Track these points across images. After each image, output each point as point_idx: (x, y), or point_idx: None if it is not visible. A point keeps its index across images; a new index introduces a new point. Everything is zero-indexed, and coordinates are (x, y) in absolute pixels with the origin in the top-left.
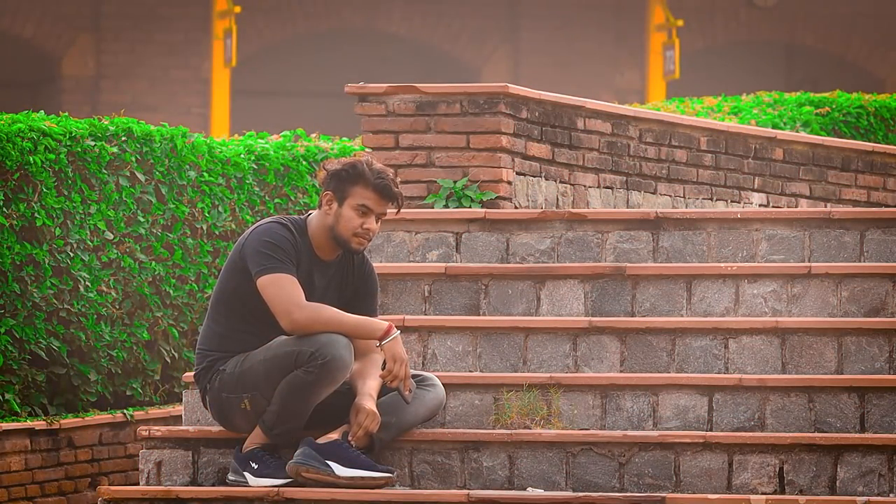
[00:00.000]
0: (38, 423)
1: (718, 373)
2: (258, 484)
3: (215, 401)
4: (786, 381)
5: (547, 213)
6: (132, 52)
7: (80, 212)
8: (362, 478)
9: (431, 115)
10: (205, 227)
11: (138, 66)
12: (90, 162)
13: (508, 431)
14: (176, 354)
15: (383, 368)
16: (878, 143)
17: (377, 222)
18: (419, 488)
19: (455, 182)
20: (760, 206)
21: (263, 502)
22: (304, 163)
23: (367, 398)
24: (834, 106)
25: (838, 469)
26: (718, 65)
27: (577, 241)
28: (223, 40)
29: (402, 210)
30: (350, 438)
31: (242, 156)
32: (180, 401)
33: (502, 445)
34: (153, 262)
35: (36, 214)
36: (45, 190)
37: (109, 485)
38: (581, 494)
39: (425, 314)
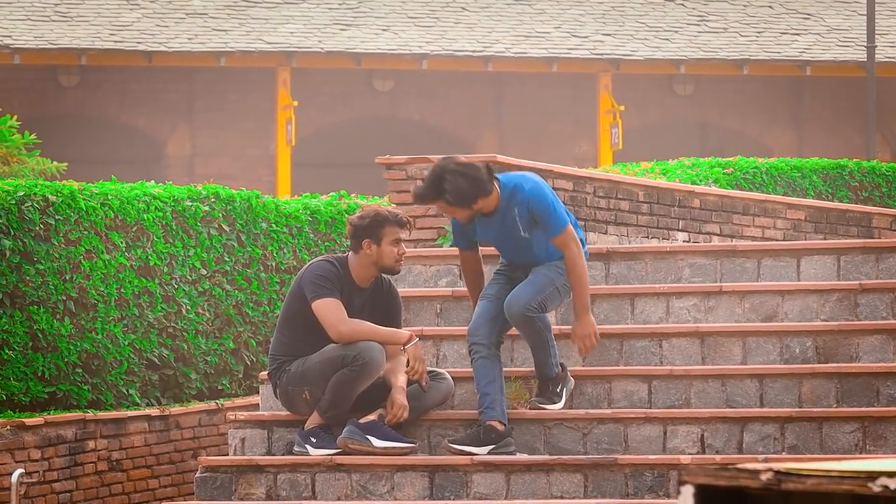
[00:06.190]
0: (153, 411)
1: (655, 365)
2: (317, 453)
3: (283, 392)
4: (705, 370)
5: None
6: (218, 137)
7: (182, 254)
8: (393, 447)
9: None
10: (273, 265)
11: (223, 147)
12: (188, 218)
13: None
14: (254, 359)
15: (407, 366)
16: (769, 194)
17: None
18: (435, 455)
19: None
20: (684, 241)
21: (321, 467)
22: (346, 216)
23: (400, 392)
24: (736, 167)
25: (744, 435)
26: (651, 138)
27: None
28: (285, 126)
29: (418, 247)
30: (385, 421)
31: (301, 211)
32: (258, 393)
33: None
34: (236, 291)
35: (149, 257)
36: (155, 239)
37: (207, 455)
38: (555, 457)
39: (438, 326)
